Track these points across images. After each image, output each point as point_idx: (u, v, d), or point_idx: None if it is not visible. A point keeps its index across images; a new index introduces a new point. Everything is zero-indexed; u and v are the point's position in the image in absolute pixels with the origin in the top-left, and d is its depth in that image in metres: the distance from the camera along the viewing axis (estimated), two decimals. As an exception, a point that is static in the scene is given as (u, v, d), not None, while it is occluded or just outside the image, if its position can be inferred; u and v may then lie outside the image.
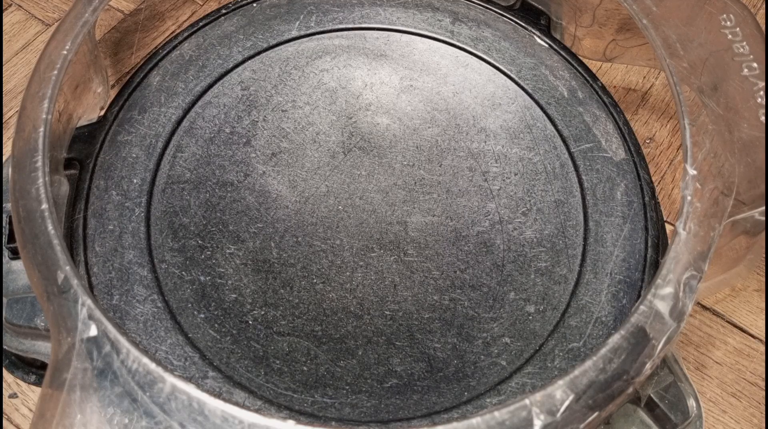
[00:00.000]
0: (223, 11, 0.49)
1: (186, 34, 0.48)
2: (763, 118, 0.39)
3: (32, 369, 0.42)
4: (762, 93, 0.39)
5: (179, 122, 0.45)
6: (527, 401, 0.28)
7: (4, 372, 0.42)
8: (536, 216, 0.43)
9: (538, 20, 0.50)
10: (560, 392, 0.29)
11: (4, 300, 0.39)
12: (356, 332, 0.39)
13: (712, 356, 0.44)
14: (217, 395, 0.28)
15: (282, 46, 0.48)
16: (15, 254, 0.39)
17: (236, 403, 0.28)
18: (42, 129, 0.37)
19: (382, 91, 0.47)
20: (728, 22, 0.41)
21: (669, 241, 0.34)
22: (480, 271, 0.41)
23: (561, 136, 0.45)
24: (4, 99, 0.54)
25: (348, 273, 0.41)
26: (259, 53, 0.48)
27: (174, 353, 0.38)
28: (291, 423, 0.28)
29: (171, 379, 0.28)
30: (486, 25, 0.49)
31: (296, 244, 0.42)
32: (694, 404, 0.36)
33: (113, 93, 0.47)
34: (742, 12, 0.41)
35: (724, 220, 0.34)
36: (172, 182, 0.43)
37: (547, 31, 0.49)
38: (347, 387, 0.37)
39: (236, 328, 0.39)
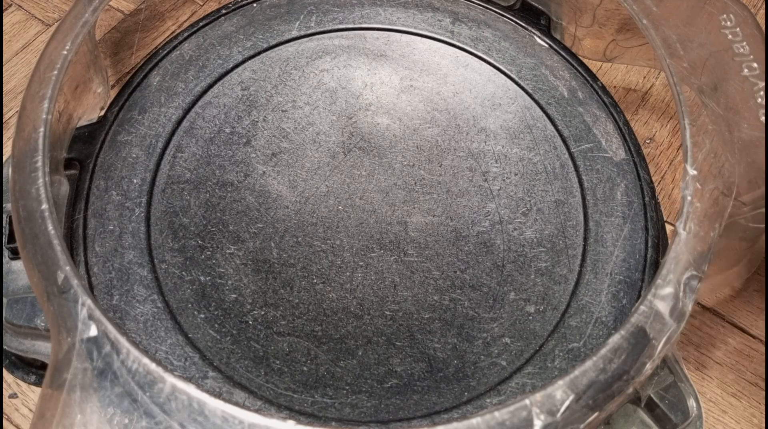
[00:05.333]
0: (223, 11, 0.49)
1: (186, 34, 0.48)
2: (763, 118, 0.39)
3: (32, 369, 0.42)
4: (762, 93, 0.39)
5: (179, 122, 0.45)
6: (527, 401, 0.28)
7: (4, 372, 0.42)
8: (536, 216, 0.43)
9: (538, 20, 0.50)
10: (560, 392, 0.29)
11: (4, 300, 0.39)
12: (356, 332, 0.39)
13: (713, 356, 0.44)
14: (217, 395, 0.28)
15: (282, 47, 0.48)
16: (15, 254, 0.39)
17: (236, 404, 0.28)
18: (42, 129, 0.37)
19: (382, 91, 0.47)
20: (728, 22, 0.41)
21: (669, 241, 0.34)
22: (480, 271, 0.41)
23: (561, 136, 0.45)
24: (4, 99, 0.54)
25: (348, 273, 0.41)
26: (259, 53, 0.48)
27: (174, 353, 0.38)
28: (291, 423, 0.28)
29: (171, 380, 0.28)
30: (486, 25, 0.49)
31: (296, 245, 0.42)
32: (695, 404, 0.36)
33: (113, 93, 0.47)
34: (742, 12, 0.41)
35: (724, 220, 0.34)
36: (172, 182, 0.43)
37: (547, 31, 0.49)
38: (347, 387, 0.37)
39: (236, 329, 0.39)
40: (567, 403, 0.28)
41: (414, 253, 0.42)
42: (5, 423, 0.41)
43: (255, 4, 0.49)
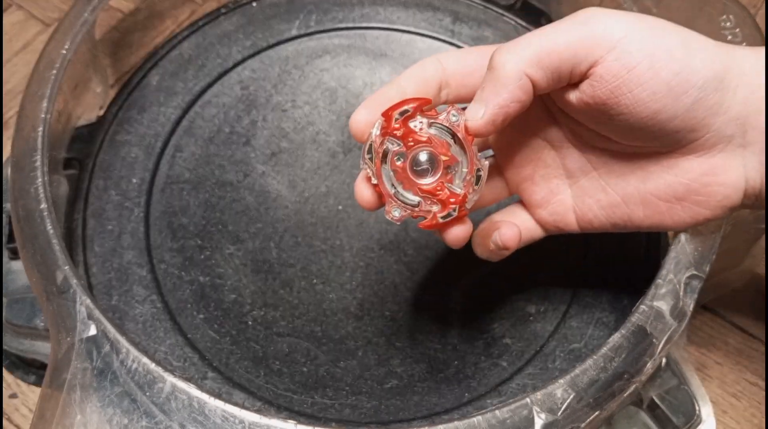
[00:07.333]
0: (223, 10, 0.49)
1: (185, 34, 0.48)
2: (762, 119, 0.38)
3: (32, 369, 0.42)
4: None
5: (178, 122, 0.45)
6: (528, 400, 0.28)
7: (4, 372, 0.42)
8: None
9: (539, 20, 0.50)
10: (561, 391, 0.28)
11: (4, 300, 0.39)
12: (356, 333, 0.39)
13: (713, 356, 0.44)
14: (217, 396, 0.28)
15: (282, 46, 0.48)
16: (15, 254, 0.39)
17: (236, 404, 0.28)
18: (41, 128, 0.36)
19: (382, 91, 0.47)
20: (728, 23, 0.41)
21: (669, 241, 0.34)
22: (481, 271, 0.41)
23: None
24: (4, 99, 0.54)
25: (348, 273, 0.41)
26: (258, 52, 0.47)
27: (173, 354, 0.37)
28: (292, 423, 0.27)
29: (171, 379, 0.28)
30: (486, 25, 0.49)
31: (296, 245, 0.42)
32: (697, 407, 0.36)
33: (112, 92, 0.47)
34: (741, 12, 0.41)
35: (724, 220, 0.34)
36: (172, 182, 0.43)
37: (547, 31, 0.49)
38: (347, 388, 0.37)
39: (236, 329, 0.39)
40: (568, 401, 0.28)
41: (414, 253, 0.42)
42: (5, 423, 0.41)
43: (254, 3, 0.49)
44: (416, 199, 0.29)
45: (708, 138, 0.28)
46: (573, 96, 0.28)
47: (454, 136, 0.28)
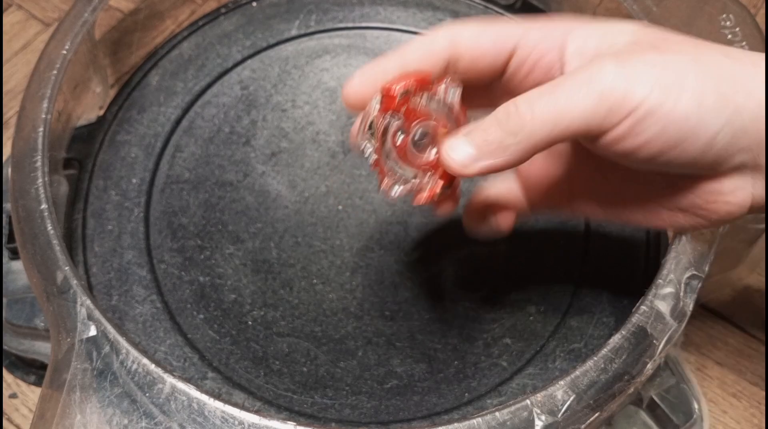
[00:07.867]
0: (223, 10, 0.49)
1: (185, 34, 0.48)
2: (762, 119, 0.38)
3: (32, 369, 0.42)
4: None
5: (178, 122, 0.45)
6: (528, 401, 0.28)
7: (4, 372, 0.42)
8: (537, 216, 0.43)
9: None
10: (561, 392, 0.28)
11: (4, 300, 0.39)
12: (356, 333, 0.39)
13: (713, 357, 0.44)
14: (217, 396, 0.28)
15: (281, 45, 0.48)
16: (15, 254, 0.39)
17: (236, 404, 0.28)
18: (41, 129, 0.36)
19: (382, 90, 0.47)
20: (728, 22, 0.41)
21: (669, 241, 0.34)
22: (481, 271, 0.41)
23: (561, 136, 0.45)
24: (4, 99, 0.54)
25: (348, 273, 0.41)
26: (258, 52, 0.47)
27: (173, 354, 0.37)
28: (291, 424, 0.27)
29: (171, 380, 0.28)
30: (486, 25, 0.49)
31: (296, 245, 0.42)
32: (697, 406, 0.36)
33: (112, 93, 0.47)
34: (741, 12, 0.41)
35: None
36: (171, 182, 0.43)
37: (547, 30, 0.49)
38: (347, 388, 0.37)
39: (236, 329, 0.39)
40: (568, 403, 0.28)
41: (414, 253, 0.42)
42: (5, 423, 0.41)
43: (254, 3, 0.49)
44: (413, 174, 0.29)
45: (718, 169, 0.27)
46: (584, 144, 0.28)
47: (449, 109, 0.28)
